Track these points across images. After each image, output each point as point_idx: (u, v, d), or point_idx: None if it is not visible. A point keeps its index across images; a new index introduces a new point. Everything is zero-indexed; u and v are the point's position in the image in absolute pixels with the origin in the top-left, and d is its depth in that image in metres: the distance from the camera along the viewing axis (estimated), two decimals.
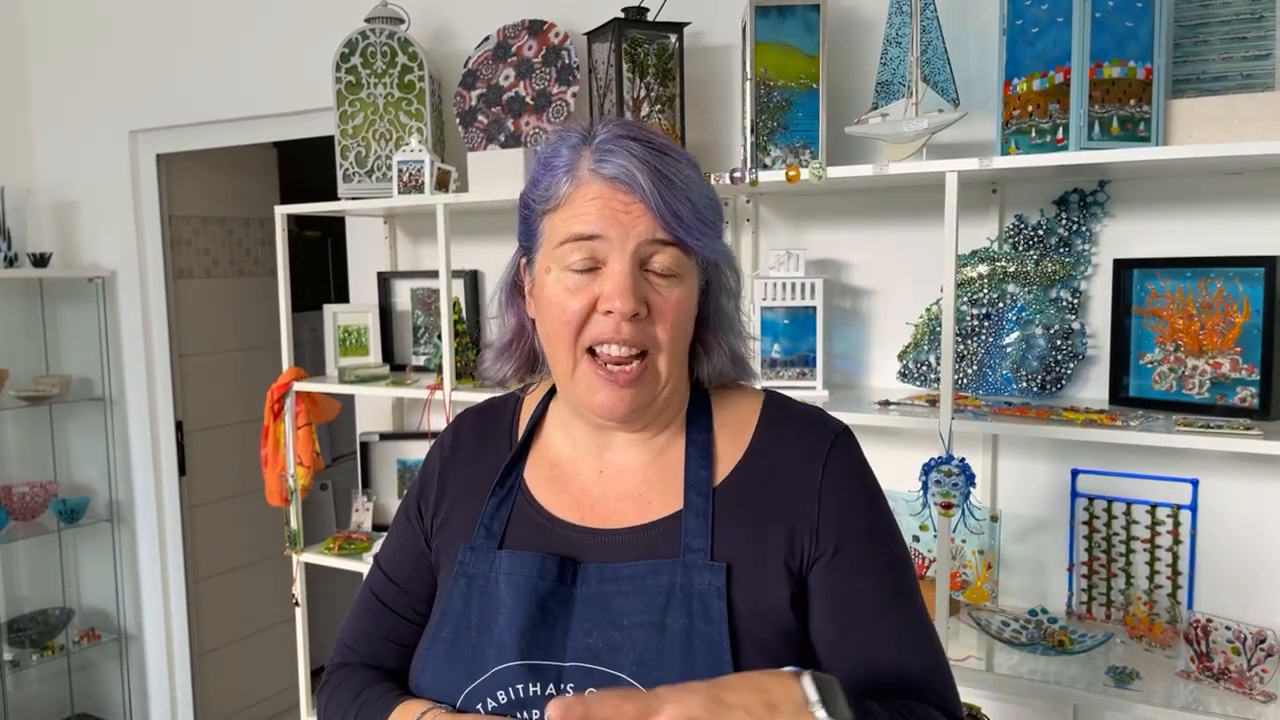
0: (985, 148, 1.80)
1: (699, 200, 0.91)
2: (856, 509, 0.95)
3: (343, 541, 2.47)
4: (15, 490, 3.20)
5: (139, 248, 3.23)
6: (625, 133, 0.91)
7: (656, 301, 0.91)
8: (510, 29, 2.27)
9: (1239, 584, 1.72)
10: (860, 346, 2.06)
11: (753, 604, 0.90)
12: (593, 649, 0.89)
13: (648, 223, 0.89)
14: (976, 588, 1.87)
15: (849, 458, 0.98)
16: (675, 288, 0.91)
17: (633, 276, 0.89)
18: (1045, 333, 1.83)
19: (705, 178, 0.98)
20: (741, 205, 2.12)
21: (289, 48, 2.76)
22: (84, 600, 3.46)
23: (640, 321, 0.90)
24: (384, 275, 2.62)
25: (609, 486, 0.99)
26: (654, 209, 0.88)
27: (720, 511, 0.94)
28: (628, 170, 0.88)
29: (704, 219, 0.91)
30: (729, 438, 0.99)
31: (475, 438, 1.09)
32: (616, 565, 0.93)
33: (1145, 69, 1.56)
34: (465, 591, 0.96)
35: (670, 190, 0.88)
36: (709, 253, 0.94)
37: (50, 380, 3.24)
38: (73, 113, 3.27)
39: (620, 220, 0.89)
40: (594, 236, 0.89)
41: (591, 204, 0.89)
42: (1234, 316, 1.63)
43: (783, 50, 1.84)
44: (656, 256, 0.90)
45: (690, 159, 0.94)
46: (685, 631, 0.88)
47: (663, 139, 0.93)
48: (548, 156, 0.94)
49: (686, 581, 0.90)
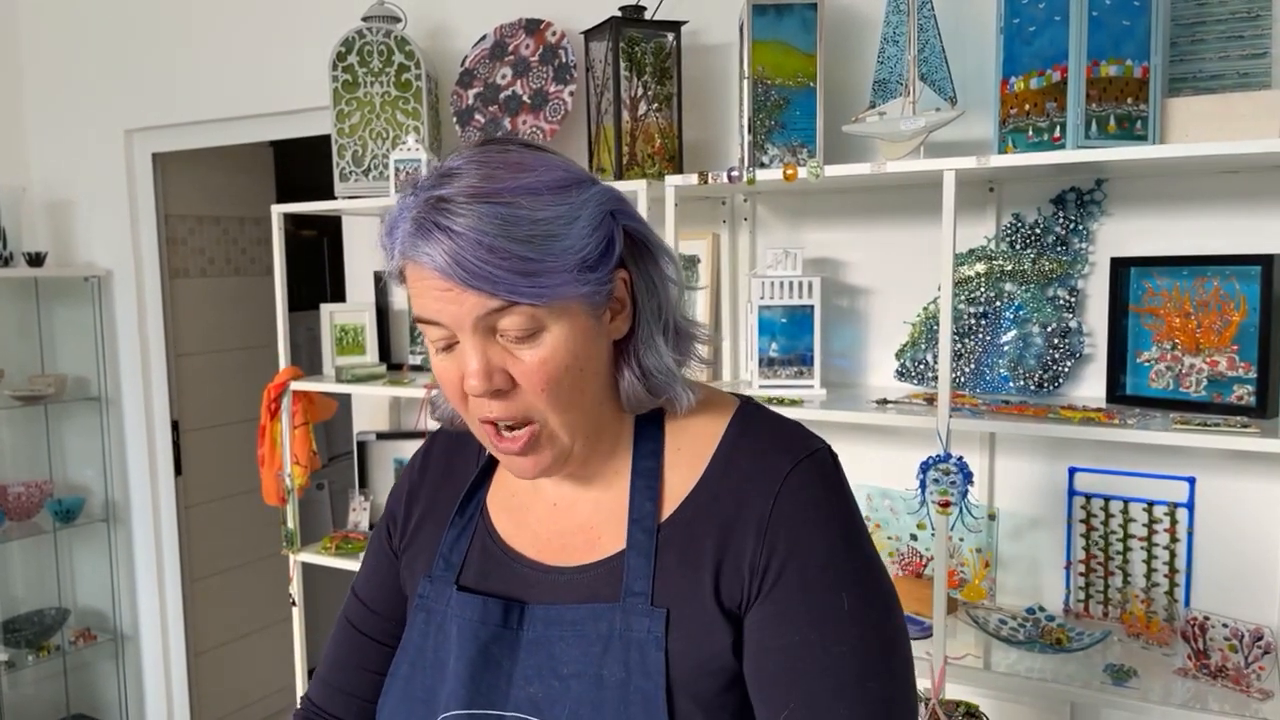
0: (982, 146, 1.80)
1: (523, 248, 0.78)
2: (804, 550, 0.83)
3: (340, 541, 2.46)
4: (10, 490, 3.20)
5: (135, 247, 3.22)
6: (436, 191, 0.79)
7: (518, 369, 0.82)
8: (507, 28, 2.27)
9: (1236, 582, 1.72)
10: (858, 345, 2.06)
11: (693, 652, 0.84)
12: (533, 699, 0.86)
13: (472, 300, 0.79)
14: (974, 586, 1.87)
15: (810, 485, 0.85)
16: (537, 347, 0.81)
17: (480, 356, 0.81)
18: (1042, 331, 1.83)
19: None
20: (739, 204, 2.12)
21: (285, 46, 2.75)
22: (80, 600, 3.45)
23: (510, 394, 0.83)
24: (381, 274, 2.61)
25: (562, 520, 0.94)
26: (470, 286, 0.78)
27: (664, 549, 0.87)
28: (430, 257, 0.78)
29: (536, 266, 0.78)
30: (684, 465, 0.90)
31: (445, 458, 1.05)
32: (561, 608, 0.88)
33: (1142, 67, 1.56)
34: (424, 626, 0.94)
35: (480, 255, 0.77)
36: (552, 300, 0.80)
37: (46, 380, 3.23)
38: (68, 111, 3.26)
39: (448, 304, 0.80)
40: (435, 323, 0.82)
41: (421, 286, 0.81)
42: (1231, 315, 1.63)
43: (780, 49, 1.84)
44: (501, 323, 0.80)
45: (530, 185, 0.80)
46: (622, 684, 0.84)
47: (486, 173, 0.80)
48: (390, 218, 0.84)
49: (625, 628, 0.85)
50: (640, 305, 0.89)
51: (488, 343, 0.82)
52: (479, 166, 0.81)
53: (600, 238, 0.83)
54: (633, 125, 2.01)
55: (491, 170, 0.81)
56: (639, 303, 0.89)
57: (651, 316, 0.89)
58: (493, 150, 0.84)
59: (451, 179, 0.80)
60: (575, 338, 0.83)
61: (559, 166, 0.84)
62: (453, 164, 0.82)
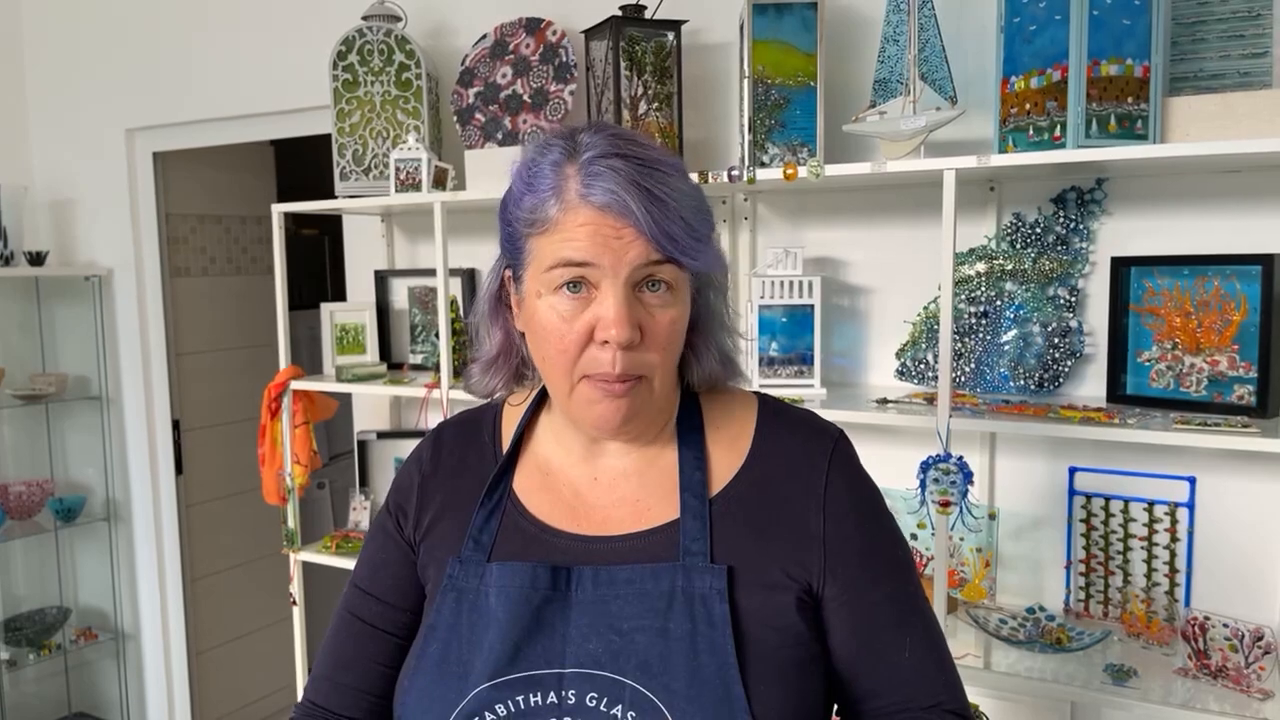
0: (983, 145, 1.80)
1: (691, 215, 0.87)
2: (862, 520, 0.95)
3: (340, 540, 2.47)
4: (12, 489, 3.20)
5: (136, 246, 3.23)
6: (612, 149, 0.86)
7: (650, 325, 0.88)
8: (508, 27, 2.27)
9: (1236, 581, 1.72)
10: (858, 345, 2.06)
11: (756, 607, 0.89)
12: (593, 654, 0.87)
13: (640, 247, 0.85)
14: (974, 585, 1.87)
15: (849, 465, 0.98)
16: (670, 308, 0.89)
17: (628, 303, 0.86)
18: (1043, 330, 1.83)
19: (702, 177, 0.97)
20: (739, 203, 2.12)
21: (286, 45, 2.76)
22: (81, 599, 3.45)
23: (634, 349, 0.88)
24: (381, 273, 2.61)
25: (603, 493, 0.97)
26: (647, 233, 0.85)
27: (719, 519, 0.93)
28: (618, 197, 0.84)
29: (697, 234, 0.88)
30: (725, 445, 0.98)
31: (457, 450, 1.06)
32: (613, 569, 0.91)
33: (1143, 67, 1.56)
34: (455, 606, 0.94)
35: (663, 211, 0.85)
36: (705, 267, 0.91)
37: (47, 379, 3.23)
38: (69, 111, 3.26)
39: (612, 247, 0.85)
40: (586, 264, 0.86)
41: (581, 230, 0.85)
42: (1231, 314, 1.63)
43: (780, 48, 1.84)
44: (650, 278, 0.87)
45: (679, 167, 0.90)
46: (689, 635, 0.87)
47: (651, 150, 0.89)
48: (531, 176, 0.89)
49: (687, 584, 0.89)
50: (717, 292, 0.99)
51: (631, 296, 0.87)
52: (631, 139, 0.89)
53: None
54: (633, 124, 2.01)
55: (644, 142, 0.90)
56: (715, 290, 0.98)
57: (725, 304, 0.99)
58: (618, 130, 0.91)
59: (614, 139, 0.88)
60: (685, 311, 0.92)
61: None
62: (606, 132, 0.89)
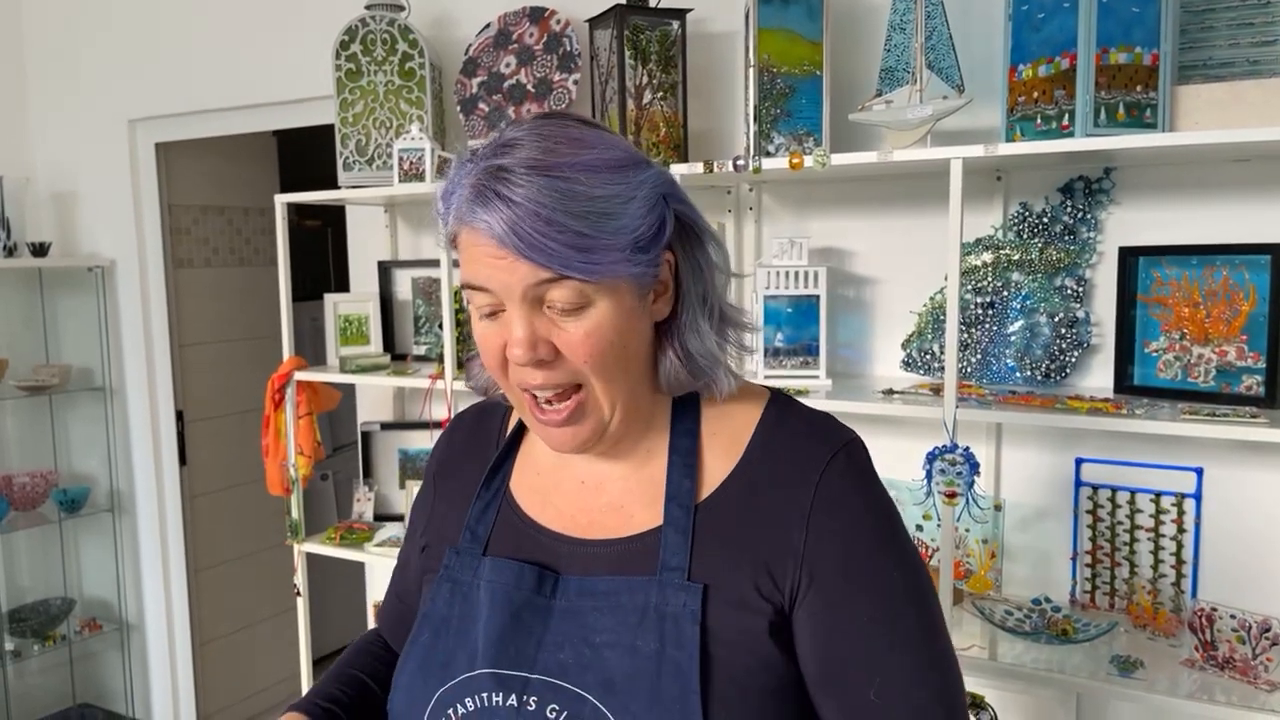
0: (990, 134, 1.79)
1: (586, 225, 0.80)
2: (854, 538, 0.87)
3: (344, 531, 2.47)
4: (16, 480, 3.20)
5: (138, 237, 3.22)
6: (496, 160, 0.81)
7: (562, 339, 0.84)
8: (511, 16, 2.26)
9: (1244, 572, 1.71)
10: (864, 335, 2.05)
11: (729, 629, 0.85)
12: (562, 664, 0.86)
13: (524, 269, 0.80)
14: (980, 577, 1.87)
15: (847, 476, 0.88)
16: (581, 320, 0.83)
17: (526, 325, 0.82)
18: (1050, 321, 1.82)
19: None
20: (744, 193, 2.11)
21: (288, 35, 2.75)
22: (85, 590, 3.46)
23: (552, 364, 0.84)
24: (385, 264, 2.61)
25: (590, 497, 0.95)
26: (525, 256, 0.79)
27: (702, 529, 0.88)
28: (487, 224, 0.80)
29: (590, 243, 0.80)
30: (720, 449, 0.92)
31: (469, 436, 1.08)
32: (594, 579, 0.89)
33: (1152, 55, 1.54)
34: (449, 596, 0.95)
35: (538, 227, 0.78)
36: (604, 276, 0.82)
37: (50, 370, 3.23)
38: (71, 101, 3.25)
39: (499, 271, 0.81)
40: (484, 289, 0.83)
41: (474, 252, 0.83)
42: (1240, 304, 1.62)
43: (786, 37, 1.83)
44: (550, 294, 0.82)
45: (592, 166, 0.82)
46: (655, 655, 0.84)
47: (546, 147, 0.82)
48: (445, 184, 0.86)
49: (661, 601, 0.86)
50: (685, 288, 0.90)
51: (534, 312, 0.83)
52: (539, 140, 0.82)
53: (653, 220, 0.85)
54: (637, 114, 2.00)
55: (552, 145, 0.82)
56: (684, 286, 0.90)
57: (696, 300, 0.91)
58: (553, 124, 0.85)
59: (511, 149, 0.82)
60: (620, 315, 0.85)
61: (617, 146, 0.86)
62: (513, 135, 0.84)
